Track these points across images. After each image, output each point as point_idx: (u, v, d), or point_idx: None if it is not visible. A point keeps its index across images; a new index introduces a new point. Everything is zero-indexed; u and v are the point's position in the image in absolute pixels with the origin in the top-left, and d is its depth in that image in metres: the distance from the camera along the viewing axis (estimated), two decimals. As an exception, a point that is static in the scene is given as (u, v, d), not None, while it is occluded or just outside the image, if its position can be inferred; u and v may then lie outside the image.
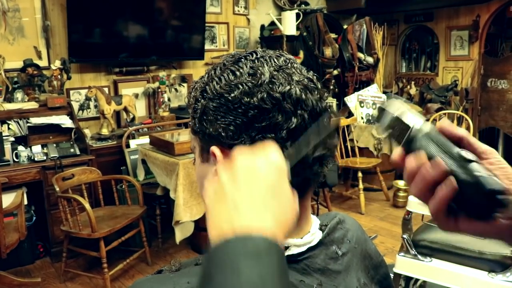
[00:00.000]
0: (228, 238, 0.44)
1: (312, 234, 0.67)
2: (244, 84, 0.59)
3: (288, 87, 0.59)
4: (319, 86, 0.64)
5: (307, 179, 0.62)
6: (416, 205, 2.27)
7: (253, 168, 0.50)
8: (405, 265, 2.30)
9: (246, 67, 0.61)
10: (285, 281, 0.43)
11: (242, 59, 0.62)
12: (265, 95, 0.58)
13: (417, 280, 2.41)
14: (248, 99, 0.58)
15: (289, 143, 0.58)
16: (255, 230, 0.45)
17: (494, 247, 2.11)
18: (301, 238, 0.65)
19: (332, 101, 5.21)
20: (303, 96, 0.60)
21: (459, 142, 0.52)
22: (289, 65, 0.63)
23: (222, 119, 0.59)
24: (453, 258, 2.19)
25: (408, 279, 2.40)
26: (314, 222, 0.70)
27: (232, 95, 0.59)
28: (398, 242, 3.43)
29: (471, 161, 0.48)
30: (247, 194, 0.48)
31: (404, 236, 2.31)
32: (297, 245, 0.64)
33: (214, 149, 0.60)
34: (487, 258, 2.10)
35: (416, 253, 2.27)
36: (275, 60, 0.62)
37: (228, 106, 0.59)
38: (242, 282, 0.40)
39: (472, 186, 0.47)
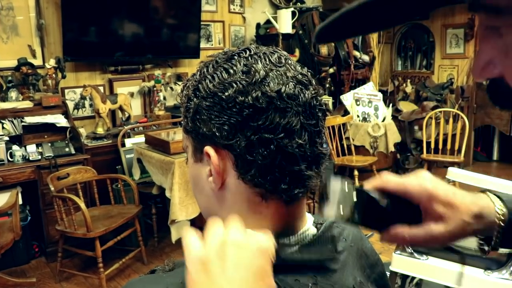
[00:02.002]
0: None
1: (307, 231, 0.66)
2: (238, 82, 0.58)
3: (282, 85, 0.58)
4: (314, 82, 0.63)
5: (302, 181, 0.61)
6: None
7: (241, 248, 0.50)
8: (401, 263, 2.29)
9: (240, 64, 0.60)
10: None
11: (235, 57, 0.61)
12: (260, 94, 0.57)
13: (413, 278, 2.41)
14: (243, 98, 0.57)
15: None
16: None
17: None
18: (295, 235, 0.64)
19: (328, 99, 5.21)
20: (298, 92, 0.59)
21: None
22: (283, 61, 0.62)
23: (216, 119, 0.58)
24: (449, 256, 2.19)
25: (404, 277, 2.40)
26: (309, 220, 0.69)
27: (226, 93, 0.58)
28: (394, 240, 3.43)
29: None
30: (231, 278, 0.48)
31: (400, 234, 2.30)
32: (291, 243, 0.63)
33: (208, 149, 0.59)
34: (483, 256, 2.10)
35: (412, 251, 2.26)
36: (269, 56, 0.61)
37: (222, 105, 0.58)
38: None
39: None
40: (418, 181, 0.62)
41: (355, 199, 0.58)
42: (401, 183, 0.62)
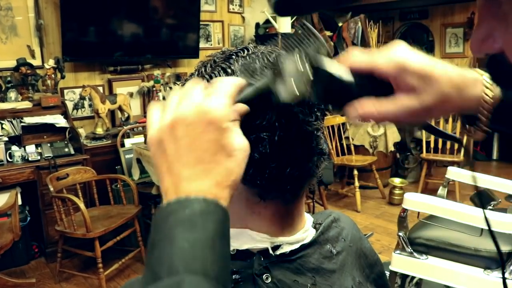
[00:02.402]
0: (170, 203, 0.45)
1: (305, 231, 0.66)
2: None
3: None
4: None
5: (301, 178, 0.61)
6: (412, 203, 2.27)
7: (191, 125, 0.48)
8: (401, 262, 2.29)
9: (238, 64, 0.59)
10: (220, 245, 0.44)
11: (233, 56, 0.61)
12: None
13: (413, 277, 2.41)
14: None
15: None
16: (193, 194, 0.45)
17: (489, 245, 2.11)
18: (294, 235, 0.64)
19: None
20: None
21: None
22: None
23: None
24: (449, 255, 2.19)
25: (404, 276, 2.40)
26: (307, 220, 0.69)
27: None
28: (394, 239, 3.43)
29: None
30: (186, 155, 0.47)
31: (400, 233, 2.30)
32: (289, 243, 0.63)
33: None
34: (482, 255, 2.10)
35: (412, 250, 2.26)
36: (267, 56, 0.61)
37: None
38: (174, 251, 0.41)
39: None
40: (389, 56, 0.53)
41: (311, 78, 0.51)
42: (369, 60, 0.53)
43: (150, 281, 0.41)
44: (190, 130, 0.47)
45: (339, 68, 0.53)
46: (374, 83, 0.53)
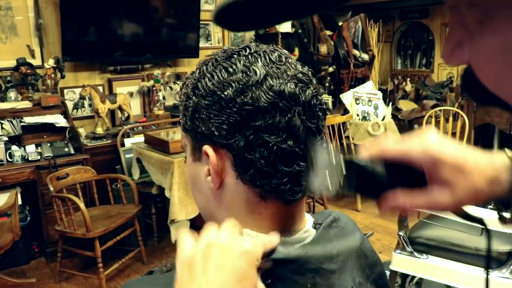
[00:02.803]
0: None
1: (305, 231, 0.66)
2: (237, 81, 0.57)
3: (282, 84, 0.58)
4: (314, 81, 0.62)
5: (300, 179, 0.61)
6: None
7: (225, 251, 0.51)
8: (401, 262, 2.29)
9: (239, 63, 0.59)
10: None
11: (235, 55, 0.61)
12: (260, 93, 0.56)
13: (413, 277, 2.41)
14: (242, 97, 0.56)
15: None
16: None
17: (490, 244, 2.11)
18: (294, 236, 0.64)
19: (327, 98, 5.20)
20: (299, 91, 0.58)
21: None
22: (284, 60, 0.61)
23: (215, 118, 0.58)
24: (449, 255, 2.19)
25: (404, 276, 2.40)
26: (308, 220, 0.69)
27: (225, 93, 0.57)
28: (394, 239, 3.43)
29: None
30: (212, 274, 0.49)
31: (400, 233, 2.30)
32: (289, 243, 0.63)
33: (207, 148, 0.59)
34: (483, 254, 2.10)
35: (412, 250, 2.26)
36: (269, 55, 0.60)
37: (221, 104, 0.57)
38: None
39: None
40: (421, 145, 0.53)
41: (344, 172, 0.52)
42: (402, 150, 0.54)
43: None
44: (223, 254, 0.51)
45: (371, 160, 0.54)
46: (406, 174, 0.54)
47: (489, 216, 0.61)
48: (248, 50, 0.61)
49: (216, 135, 0.58)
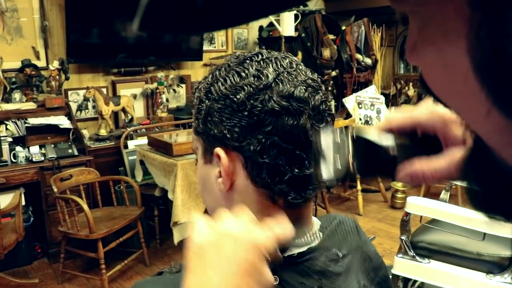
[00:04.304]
0: None
1: (313, 234, 0.67)
2: (249, 86, 0.59)
3: (293, 88, 0.59)
4: (324, 88, 0.64)
5: (311, 184, 0.62)
6: (414, 207, 2.27)
7: (237, 243, 0.51)
8: (403, 266, 2.30)
9: (252, 68, 0.61)
10: None
11: (247, 60, 0.62)
12: (271, 97, 0.58)
13: (415, 281, 2.41)
14: (253, 101, 0.58)
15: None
16: None
17: (492, 249, 2.11)
18: (302, 238, 0.65)
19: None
20: (308, 95, 0.60)
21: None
22: (294, 66, 0.63)
23: (227, 121, 0.59)
24: (451, 259, 2.19)
25: (406, 280, 2.40)
26: (315, 223, 0.70)
27: (238, 96, 0.59)
28: (396, 243, 3.43)
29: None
30: (222, 266, 0.50)
31: (403, 237, 2.31)
32: (297, 246, 0.64)
33: (219, 150, 0.60)
34: (485, 259, 2.10)
35: (414, 254, 2.27)
36: (281, 61, 0.62)
37: (233, 108, 0.59)
38: None
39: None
40: (429, 108, 0.50)
41: (352, 150, 0.48)
42: (409, 117, 0.50)
43: None
44: (236, 245, 0.51)
45: (378, 134, 0.50)
46: (418, 141, 0.50)
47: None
48: (260, 56, 0.63)
49: (228, 138, 0.59)
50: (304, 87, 0.60)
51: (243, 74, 0.60)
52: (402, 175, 0.48)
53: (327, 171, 0.49)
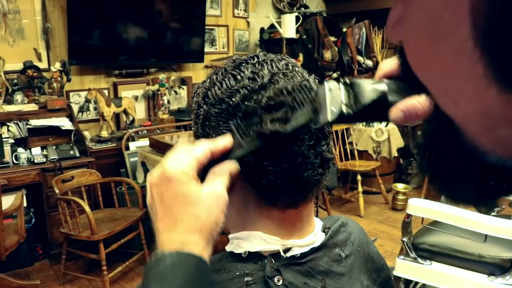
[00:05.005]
0: (151, 259, 0.51)
1: (315, 234, 0.67)
2: (244, 88, 0.59)
3: (288, 87, 0.59)
4: None
5: (308, 182, 0.62)
6: (416, 209, 2.27)
7: (158, 185, 0.54)
8: (404, 268, 2.30)
9: (247, 71, 0.61)
10: None
11: (243, 63, 0.62)
12: (265, 98, 0.58)
13: (416, 283, 2.41)
14: (248, 102, 0.58)
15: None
16: (167, 245, 0.50)
17: (493, 251, 2.11)
18: (304, 239, 0.65)
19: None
20: (304, 95, 0.60)
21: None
22: (291, 68, 0.63)
23: (224, 125, 0.60)
24: (452, 261, 2.19)
25: (407, 282, 2.40)
26: (317, 223, 0.70)
27: (233, 99, 0.59)
28: (397, 245, 3.43)
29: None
30: (159, 212, 0.53)
31: (404, 239, 2.31)
32: (300, 246, 0.64)
33: None
34: (486, 261, 2.10)
35: (416, 256, 2.27)
36: (277, 63, 0.62)
37: (229, 111, 0.59)
38: None
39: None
40: None
41: (343, 94, 0.48)
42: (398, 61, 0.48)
43: None
44: (158, 190, 0.53)
45: (371, 81, 0.50)
46: (410, 80, 0.49)
47: (493, 222, 0.61)
48: (256, 59, 0.63)
49: None
50: (299, 86, 0.60)
51: (239, 77, 0.60)
52: (394, 111, 0.46)
53: (323, 115, 0.50)
